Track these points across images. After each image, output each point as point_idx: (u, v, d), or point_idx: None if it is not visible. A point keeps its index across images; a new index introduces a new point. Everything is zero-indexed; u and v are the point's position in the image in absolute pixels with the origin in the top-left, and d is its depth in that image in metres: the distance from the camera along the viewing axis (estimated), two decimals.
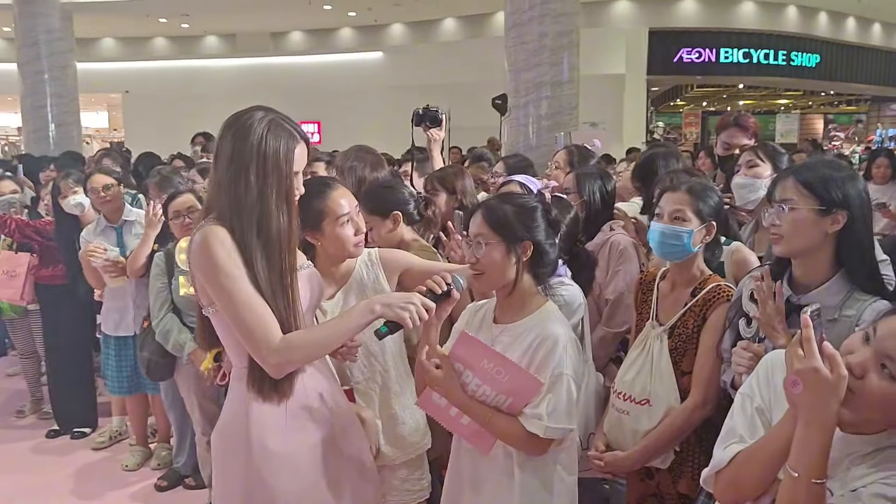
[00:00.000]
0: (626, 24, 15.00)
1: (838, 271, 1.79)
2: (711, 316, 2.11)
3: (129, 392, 4.13)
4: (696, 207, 2.16)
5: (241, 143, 1.71)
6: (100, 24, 15.63)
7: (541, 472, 1.87)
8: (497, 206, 1.91)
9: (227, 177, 1.72)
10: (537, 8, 7.28)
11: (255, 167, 1.71)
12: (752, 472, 1.39)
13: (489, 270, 1.88)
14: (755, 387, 1.49)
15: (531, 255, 1.88)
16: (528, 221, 1.89)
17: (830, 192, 1.75)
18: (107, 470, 4.11)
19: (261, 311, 1.69)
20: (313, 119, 16.79)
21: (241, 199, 1.70)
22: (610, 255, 2.85)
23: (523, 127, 7.56)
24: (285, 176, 1.74)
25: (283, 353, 1.69)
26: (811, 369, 1.22)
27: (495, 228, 1.87)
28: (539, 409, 1.79)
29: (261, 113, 1.76)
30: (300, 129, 1.80)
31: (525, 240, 1.87)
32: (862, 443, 1.32)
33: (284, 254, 1.74)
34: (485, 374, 1.87)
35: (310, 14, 15.57)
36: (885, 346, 1.26)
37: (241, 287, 1.68)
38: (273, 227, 1.72)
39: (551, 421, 1.78)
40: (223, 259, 1.67)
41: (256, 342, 1.69)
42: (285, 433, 1.79)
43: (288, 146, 1.74)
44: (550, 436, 1.78)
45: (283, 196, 1.74)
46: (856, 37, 17.45)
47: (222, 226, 1.70)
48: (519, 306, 1.92)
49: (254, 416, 1.77)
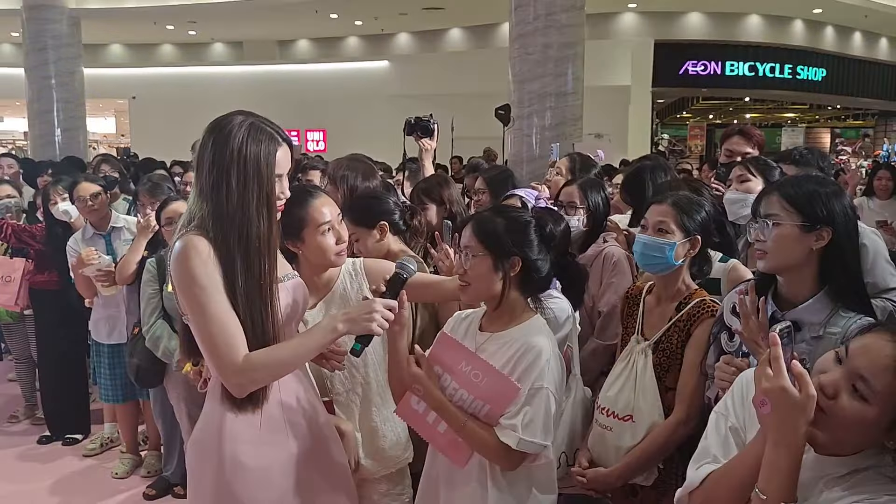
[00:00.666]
0: (631, 36, 15.00)
1: (823, 288, 1.76)
2: (696, 331, 2.09)
3: (122, 400, 4.12)
4: (680, 221, 2.14)
5: (221, 148, 1.69)
6: (107, 30, 15.73)
7: (515, 489, 1.84)
8: (488, 220, 1.89)
9: (208, 184, 1.70)
10: (542, 19, 7.30)
11: (235, 173, 1.68)
12: (723, 493, 1.36)
13: (474, 283, 1.86)
14: (730, 406, 1.47)
15: (520, 271, 1.85)
16: (519, 237, 1.86)
17: (815, 209, 1.73)
18: (96, 477, 4.09)
19: (230, 328, 1.66)
20: (319, 127, 16.87)
21: (223, 206, 1.68)
22: (604, 267, 2.83)
23: (527, 137, 7.56)
24: (266, 180, 1.71)
25: (246, 373, 1.67)
26: (779, 388, 1.20)
27: (483, 242, 1.85)
28: (514, 420, 1.76)
29: (240, 117, 1.74)
30: (282, 131, 1.78)
31: (514, 255, 1.84)
32: (836, 464, 1.29)
33: (265, 260, 1.72)
34: (463, 377, 1.85)
35: (317, 22, 15.62)
36: (856, 366, 1.24)
37: (214, 300, 1.65)
38: (253, 233, 1.70)
39: (526, 433, 1.74)
40: (199, 270, 1.65)
41: (219, 359, 1.66)
42: (258, 447, 1.76)
43: (269, 150, 1.72)
44: (523, 448, 1.75)
45: (265, 201, 1.72)
46: (862, 51, 17.39)
47: (203, 235, 1.68)
48: (507, 317, 1.89)
49: (227, 428, 1.74)
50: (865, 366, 1.23)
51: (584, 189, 2.90)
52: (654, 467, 2.11)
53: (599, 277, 2.83)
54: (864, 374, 1.22)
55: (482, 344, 1.90)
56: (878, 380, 1.21)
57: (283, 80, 16.85)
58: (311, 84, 16.77)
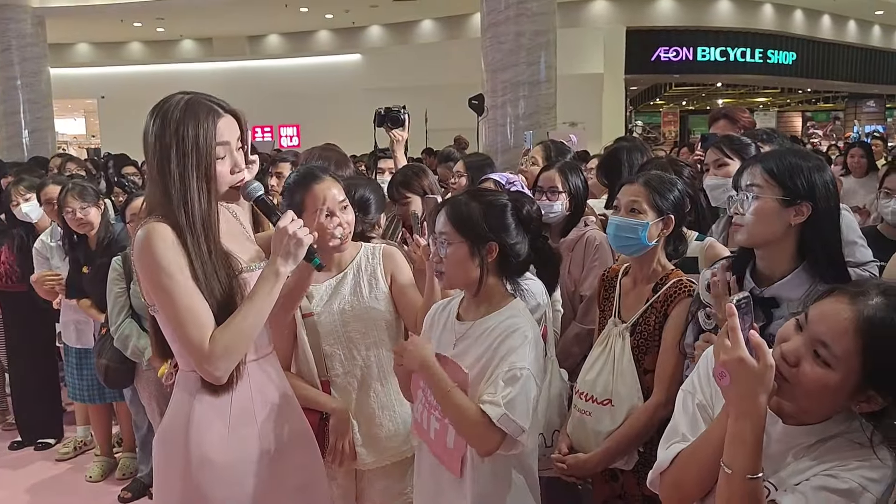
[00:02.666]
0: (603, 23, 15.02)
1: (801, 263, 1.73)
2: (673, 312, 2.06)
3: (90, 400, 4.02)
4: (653, 200, 2.10)
5: (161, 130, 1.65)
6: (73, 29, 15.47)
7: (496, 469, 1.80)
8: (462, 205, 1.83)
9: (154, 168, 1.67)
10: (513, 8, 7.27)
11: (175, 153, 1.64)
12: (693, 471, 1.34)
13: (450, 270, 1.81)
14: (696, 383, 1.45)
15: (498, 255, 1.80)
16: (495, 221, 1.80)
17: (796, 182, 1.69)
18: (70, 481, 4.01)
19: (201, 315, 1.62)
20: (292, 122, 16.71)
21: (169, 188, 1.65)
22: (585, 251, 2.80)
23: (501, 127, 7.53)
24: (204, 155, 1.66)
25: (221, 356, 1.63)
26: (736, 359, 1.18)
27: (459, 228, 1.79)
28: (496, 398, 1.69)
29: (178, 96, 1.70)
30: (225, 103, 1.73)
31: (490, 240, 1.79)
32: (805, 434, 1.28)
33: (209, 237, 1.67)
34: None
35: (287, 17, 15.48)
36: (816, 332, 1.22)
37: (182, 286, 1.61)
38: (197, 209, 1.65)
39: (508, 409, 1.67)
40: (164, 257, 1.60)
41: (193, 348, 1.62)
42: (227, 443, 1.71)
43: (208, 123, 1.67)
44: (503, 425, 1.66)
45: (203, 177, 1.66)
46: (831, 34, 17.59)
47: (164, 222, 1.63)
48: (486, 304, 1.85)
49: (195, 424, 1.69)
50: (825, 331, 1.21)
51: (565, 173, 2.86)
52: (634, 451, 2.08)
53: (581, 261, 2.80)
54: (825, 340, 1.21)
55: (463, 333, 1.85)
56: (839, 344, 1.19)
57: (254, 76, 16.67)
58: (283, 79, 16.62)
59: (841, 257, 1.78)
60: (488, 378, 1.73)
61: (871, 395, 1.21)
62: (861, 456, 1.22)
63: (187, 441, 1.69)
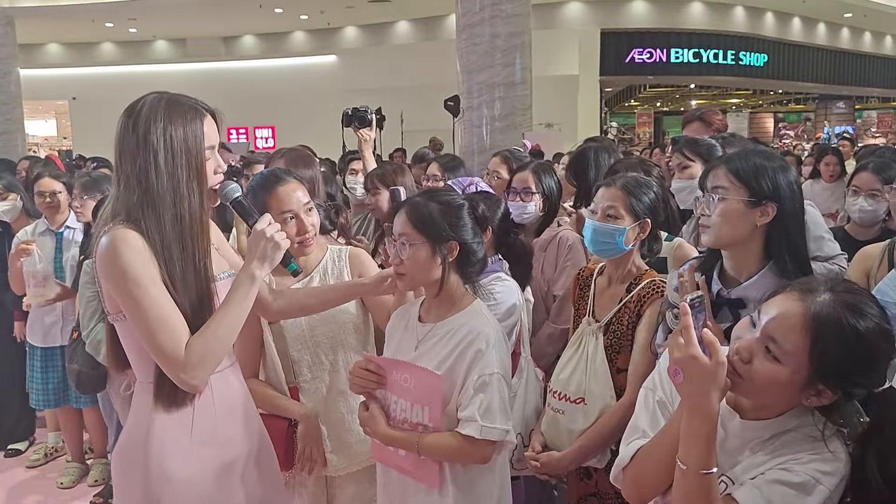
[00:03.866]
0: (577, 25, 15.10)
1: (768, 264, 1.76)
2: (646, 312, 2.08)
3: (54, 405, 3.96)
4: (629, 204, 2.13)
5: (145, 129, 1.61)
6: (43, 29, 15.22)
7: (470, 476, 1.82)
8: (422, 205, 1.84)
9: (134, 171, 1.61)
10: (488, 9, 7.27)
11: (163, 150, 1.60)
12: (651, 467, 1.36)
13: (412, 271, 1.82)
14: (657, 380, 1.47)
15: (458, 255, 1.82)
16: (454, 220, 1.83)
17: (761, 183, 1.71)
18: (41, 488, 3.95)
19: (172, 322, 1.58)
20: (267, 124, 16.60)
21: (153, 189, 1.60)
22: (558, 251, 2.82)
23: (477, 128, 7.53)
24: (195, 154, 1.64)
25: (197, 364, 1.59)
26: (689, 357, 1.21)
27: (419, 228, 1.81)
28: (469, 411, 1.73)
29: (154, 96, 1.66)
30: (202, 102, 1.71)
31: (450, 240, 1.81)
32: (761, 429, 1.31)
33: (198, 238, 1.65)
34: (396, 387, 1.84)
35: (261, 18, 15.36)
36: (767, 329, 1.25)
37: (152, 295, 1.57)
38: (186, 209, 1.62)
39: (485, 420, 1.71)
40: (132, 265, 1.56)
41: (167, 357, 1.58)
42: (187, 456, 1.67)
43: (195, 122, 1.65)
44: (486, 436, 1.71)
45: (195, 176, 1.64)
46: (801, 36, 17.84)
47: (132, 228, 1.59)
48: (447, 305, 1.87)
49: (155, 437, 1.65)
50: (775, 327, 1.24)
51: (538, 174, 2.88)
52: (607, 449, 2.10)
53: (555, 261, 2.81)
54: (775, 335, 1.24)
55: (425, 335, 1.86)
56: (787, 339, 1.23)
57: (228, 77, 16.54)
58: (258, 80, 16.52)
59: (806, 257, 1.80)
60: (460, 388, 1.77)
61: (821, 390, 1.25)
62: (814, 449, 1.25)
63: (147, 455, 1.65)
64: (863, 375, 1.24)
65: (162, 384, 1.64)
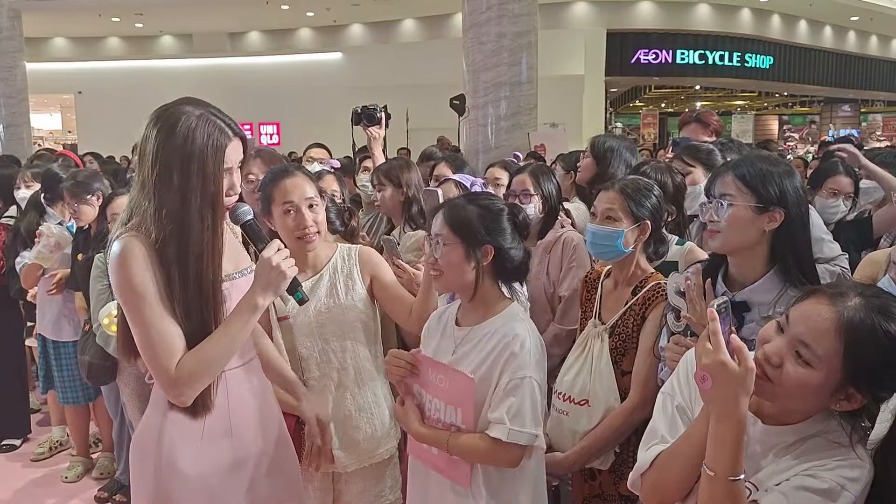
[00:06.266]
0: (584, 25, 15.10)
1: (772, 268, 1.77)
2: (650, 315, 2.10)
3: (85, 400, 3.95)
4: (628, 207, 2.14)
5: (166, 141, 1.58)
6: (50, 23, 15.29)
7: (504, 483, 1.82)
8: (460, 207, 1.86)
9: (151, 179, 1.60)
10: (495, 9, 7.27)
11: (179, 168, 1.58)
12: (673, 472, 1.36)
13: (446, 271, 1.85)
14: (676, 385, 1.47)
15: (493, 259, 1.83)
16: (492, 225, 1.84)
17: (768, 189, 1.72)
18: (45, 483, 3.96)
19: (169, 338, 1.59)
20: (272, 120, 16.61)
21: (164, 204, 1.59)
22: (563, 252, 2.82)
23: (482, 127, 7.53)
24: (212, 179, 1.60)
25: (186, 383, 1.60)
26: (718, 363, 1.20)
27: (455, 230, 1.82)
28: (499, 413, 1.73)
29: (190, 107, 1.62)
30: (234, 124, 1.68)
31: (486, 244, 1.82)
32: (784, 434, 1.31)
33: (207, 265, 1.62)
34: (433, 387, 1.85)
35: (267, 14, 15.39)
36: (797, 333, 1.25)
37: (151, 308, 1.57)
38: (194, 238, 1.60)
39: (514, 424, 1.71)
40: (135, 275, 1.57)
41: (159, 369, 1.60)
42: (198, 452, 1.69)
43: (218, 144, 1.61)
44: (514, 439, 1.71)
45: (209, 201, 1.61)
46: (807, 39, 17.82)
47: (141, 236, 1.59)
48: (482, 309, 1.87)
49: (167, 433, 1.67)
50: (806, 331, 1.24)
51: (536, 176, 2.89)
52: (610, 451, 2.11)
53: (559, 262, 2.82)
54: (806, 340, 1.24)
55: (462, 339, 1.87)
56: (820, 344, 1.23)
57: (234, 73, 16.52)
58: (264, 77, 16.49)
59: (811, 261, 1.82)
60: (493, 390, 1.77)
61: (851, 393, 1.25)
62: (840, 455, 1.25)
63: (159, 449, 1.67)
64: (894, 378, 1.25)
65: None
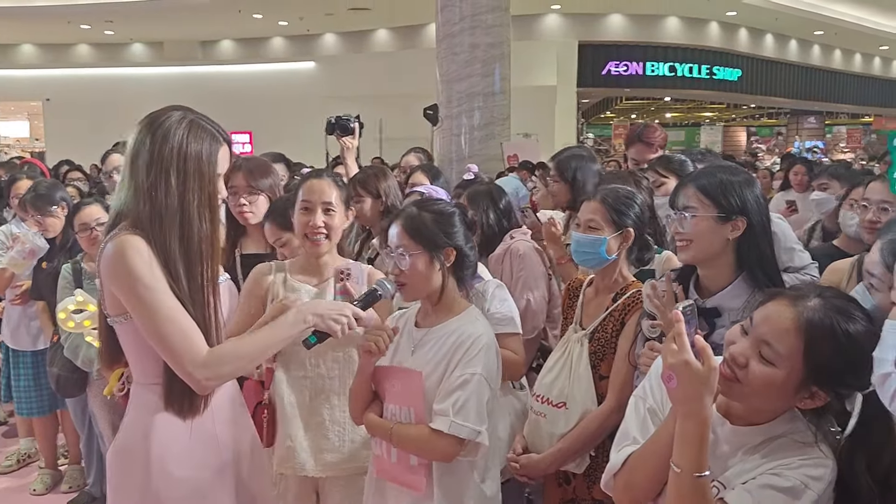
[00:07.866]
0: (556, 37, 15.29)
1: (740, 275, 1.83)
2: (629, 321, 2.13)
3: (48, 411, 3.89)
4: (609, 216, 2.19)
5: (161, 145, 1.63)
6: (18, 29, 15.10)
7: (457, 476, 1.85)
8: (415, 216, 1.91)
9: (146, 182, 1.63)
10: (468, 20, 7.32)
11: (175, 171, 1.63)
12: (644, 472, 1.40)
13: (413, 281, 1.88)
14: (647, 388, 1.51)
15: (454, 260, 1.90)
16: (448, 228, 1.90)
17: (729, 199, 1.80)
18: (13, 496, 3.88)
19: (185, 323, 1.60)
20: (245, 129, 16.44)
21: (162, 206, 1.62)
22: (512, 263, 2.82)
23: (456, 137, 7.57)
24: (208, 180, 1.67)
25: (212, 367, 1.61)
26: (683, 362, 1.24)
27: (416, 238, 1.86)
28: (444, 405, 1.78)
29: (179, 113, 1.68)
30: (222, 130, 1.74)
31: (447, 246, 1.88)
32: (752, 434, 1.35)
33: (206, 262, 1.67)
34: (389, 394, 1.89)
35: (240, 22, 15.33)
36: (760, 333, 1.30)
37: (163, 298, 1.59)
38: (195, 234, 1.65)
39: (458, 418, 1.76)
40: (142, 269, 1.58)
41: (180, 357, 1.60)
42: (189, 454, 1.69)
43: (211, 148, 1.68)
44: (455, 432, 1.75)
45: (206, 201, 1.67)
46: (774, 52, 18.22)
47: (138, 234, 1.61)
48: (445, 310, 1.92)
49: (156, 435, 1.66)
50: (768, 331, 1.29)
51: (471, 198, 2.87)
52: (585, 454, 2.13)
53: (510, 273, 2.82)
54: (768, 339, 1.29)
55: (420, 339, 1.92)
56: (781, 342, 1.28)
57: (206, 82, 16.39)
58: (236, 86, 16.39)
59: (775, 266, 1.89)
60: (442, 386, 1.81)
61: (815, 391, 1.30)
62: (804, 454, 1.29)
63: (147, 454, 1.66)
64: (854, 376, 1.30)
65: (172, 388, 1.66)
